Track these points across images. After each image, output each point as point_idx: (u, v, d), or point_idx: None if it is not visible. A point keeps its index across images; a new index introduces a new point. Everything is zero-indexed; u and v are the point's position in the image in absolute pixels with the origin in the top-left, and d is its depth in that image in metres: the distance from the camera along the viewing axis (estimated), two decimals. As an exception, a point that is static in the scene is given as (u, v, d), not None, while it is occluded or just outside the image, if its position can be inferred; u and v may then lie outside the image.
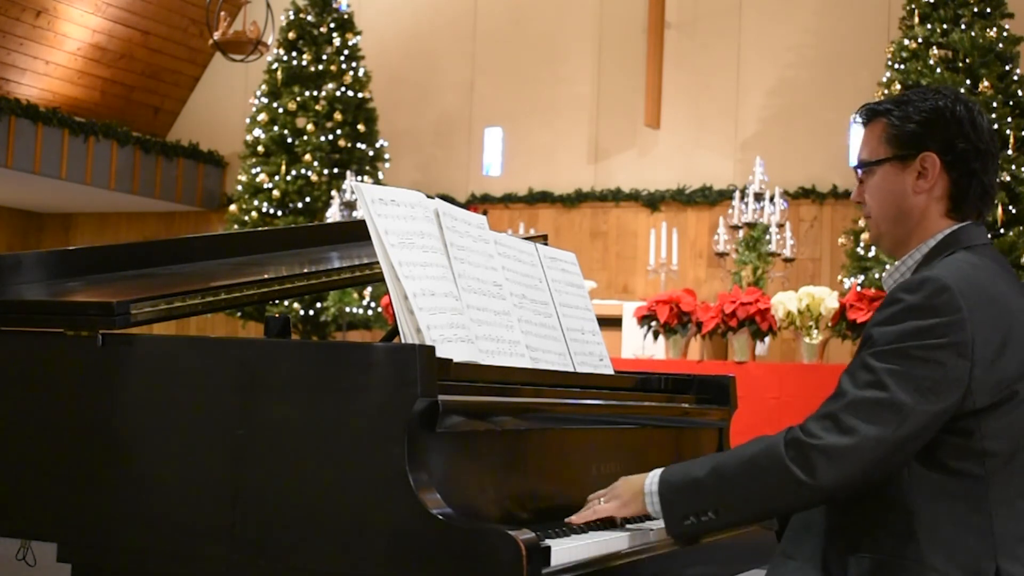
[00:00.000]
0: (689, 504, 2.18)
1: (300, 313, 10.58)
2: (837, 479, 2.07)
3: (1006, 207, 8.34)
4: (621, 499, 2.27)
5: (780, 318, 6.55)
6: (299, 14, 11.18)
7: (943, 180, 2.24)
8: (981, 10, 8.77)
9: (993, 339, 2.09)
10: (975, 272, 2.15)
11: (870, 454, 2.06)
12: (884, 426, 2.05)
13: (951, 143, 2.22)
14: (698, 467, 2.20)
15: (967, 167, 2.23)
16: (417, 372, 2.00)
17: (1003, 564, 2.09)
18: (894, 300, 2.13)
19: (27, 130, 11.02)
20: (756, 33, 10.87)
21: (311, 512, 2.04)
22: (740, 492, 2.14)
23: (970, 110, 2.25)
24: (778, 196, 8.63)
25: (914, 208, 2.25)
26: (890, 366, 2.07)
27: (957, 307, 2.07)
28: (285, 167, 10.82)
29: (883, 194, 2.28)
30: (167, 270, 2.79)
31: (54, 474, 2.26)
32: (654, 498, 2.21)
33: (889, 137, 2.27)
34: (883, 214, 2.29)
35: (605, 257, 11.27)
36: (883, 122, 2.29)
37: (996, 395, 2.09)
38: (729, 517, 2.17)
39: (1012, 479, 2.12)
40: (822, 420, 2.10)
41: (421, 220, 2.37)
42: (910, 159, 2.25)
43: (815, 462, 2.06)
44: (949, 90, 2.30)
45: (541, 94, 11.57)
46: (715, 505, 2.16)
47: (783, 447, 2.10)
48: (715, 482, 2.16)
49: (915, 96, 2.29)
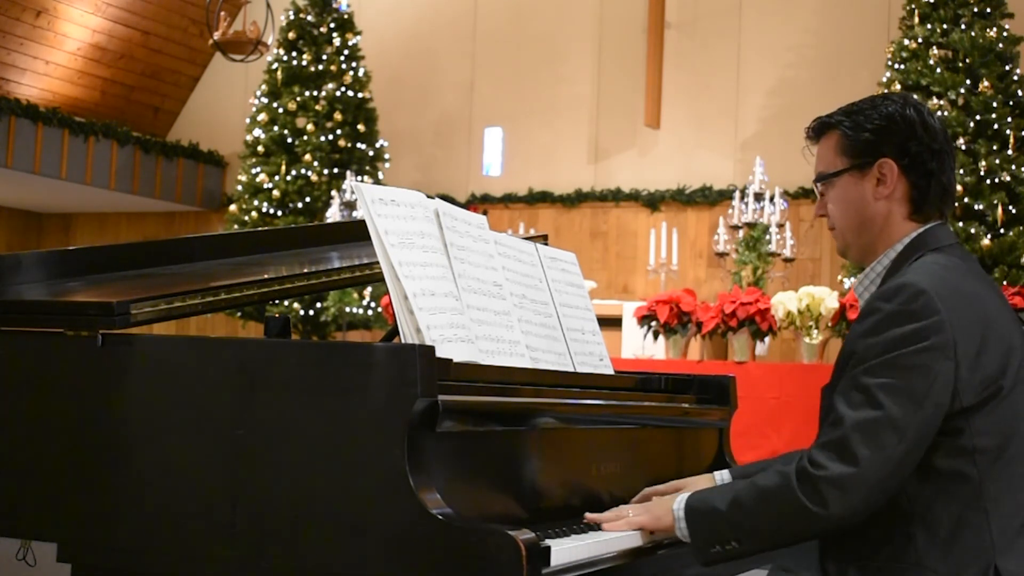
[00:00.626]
0: (712, 533, 2.20)
1: (300, 313, 10.58)
2: (849, 508, 2.08)
3: (1006, 207, 8.33)
4: (653, 514, 2.28)
5: (780, 318, 6.55)
6: (299, 14, 11.18)
7: (902, 184, 2.27)
8: (981, 10, 8.76)
9: (973, 338, 2.11)
10: (947, 273, 2.17)
11: (875, 476, 2.07)
12: (885, 446, 2.07)
13: (905, 147, 2.26)
14: (719, 497, 2.22)
15: (924, 168, 2.26)
16: (417, 372, 2.00)
17: (1001, 561, 2.10)
18: (873, 310, 2.15)
19: (27, 130, 11.02)
20: (756, 33, 10.87)
21: (311, 512, 2.04)
22: (759, 524, 2.16)
23: (920, 112, 2.28)
24: (778, 196, 8.63)
25: (877, 215, 2.28)
26: (881, 380, 2.09)
27: (935, 309, 2.09)
28: (285, 167, 10.82)
29: (845, 204, 2.31)
30: (167, 270, 2.79)
31: (54, 474, 2.26)
32: (681, 523, 2.23)
33: (844, 148, 2.31)
34: (847, 224, 2.32)
35: (605, 257, 11.27)
36: (836, 134, 2.32)
37: (982, 393, 2.11)
38: (752, 546, 2.18)
39: (1003, 475, 2.13)
40: (825, 449, 2.11)
41: (421, 220, 2.37)
42: (867, 167, 2.28)
43: (825, 494, 2.08)
44: (897, 95, 2.34)
45: (541, 94, 11.57)
46: (737, 535, 2.17)
47: (795, 479, 2.11)
48: (734, 513, 2.17)
49: (864, 104, 2.32)
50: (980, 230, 8.23)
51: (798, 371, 6.43)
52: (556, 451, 2.41)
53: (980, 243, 8.18)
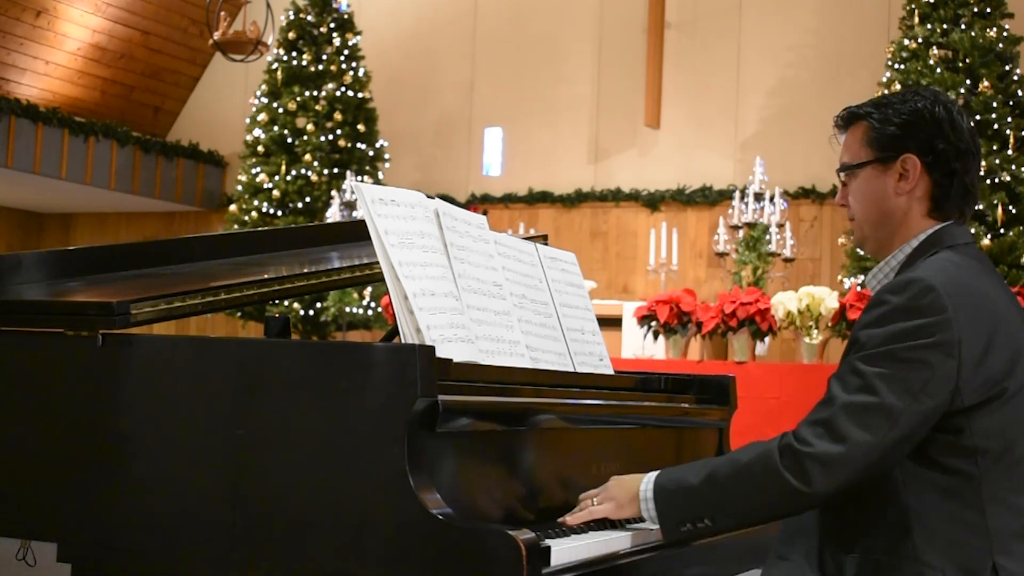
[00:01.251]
0: (684, 511, 2.19)
1: (300, 313, 10.57)
2: (831, 486, 2.09)
3: (1006, 207, 8.33)
4: (616, 501, 2.27)
5: (780, 318, 6.55)
6: (299, 14, 11.18)
7: (924, 181, 2.26)
8: (981, 10, 8.76)
9: (979, 338, 2.11)
10: (959, 272, 2.17)
11: (863, 460, 2.07)
12: (875, 431, 2.06)
13: (931, 144, 2.25)
14: (692, 474, 2.20)
15: (948, 167, 2.25)
16: (417, 372, 2.00)
17: (999, 560, 2.10)
18: (880, 302, 2.15)
19: (27, 130, 11.02)
20: (756, 33, 10.87)
21: (311, 512, 2.04)
22: (735, 499, 2.15)
23: (949, 111, 2.27)
24: (778, 196, 8.63)
25: (896, 209, 2.28)
26: (879, 369, 2.09)
27: (943, 307, 2.09)
28: (285, 167, 10.82)
29: (865, 196, 2.31)
30: (167, 270, 2.79)
31: (54, 474, 2.26)
32: (649, 504, 2.22)
33: (870, 140, 2.30)
34: (866, 216, 2.32)
35: (605, 257, 11.27)
36: (863, 125, 2.31)
37: (984, 393, 2.10)
38: (725, 523, 2.18)
39: (1005, 475, 2.13)
40: (814, 426, 2.11)
41: (421, 220, 2.37)
42: (891, 161, 2.27)
43: (809, 470, 2.08)
44: (928, 91, 2.32)
45: (541, 94, 11.57)
46: (711, 512, 2.17)
47: (777, 454, 2.11)
48: (709, 489, 2.17)
49: (894, 98, 2.31)
50: (980, 230, 8.23)
51: (798, 371, 6.43)
52: (556, 451, 2.41)
53: (980, 243, 8.17)
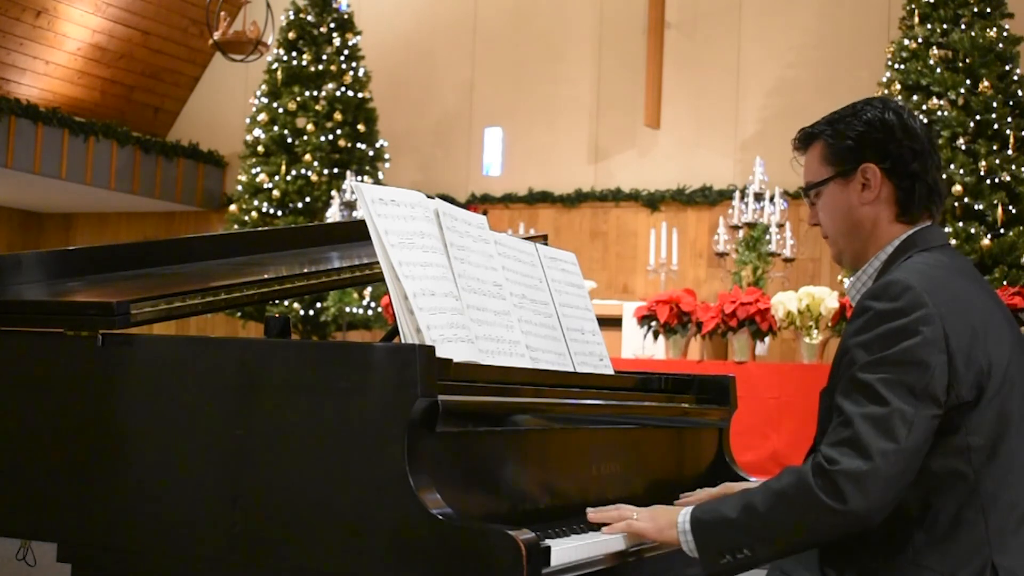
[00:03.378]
0: (724, 543, 2.16)
1: (300, 313, 10.58)
2: (867, 502, 2.06)
3: (1006, 207, 8.33)
4: (657, 524, 2.25)
5: (780, 318, 6.55)
6: (299, 14, 11.19)
7: (887, 187, 2.30)
8: (981, 10, 8.77)
9: (963, 332, 2.13)
10: (934, 271, 2.20)
11: (892, 468, 2.06)
12: (896, 438, 2.06)
13: (886, 150, 2.29)
14: (728, 506, 2.19)
15: (907, 170, 2.29)
16: (417, 372, 2.00)
17: (997, 559, 2.11)
18: (864, 309, 2.17)
19: (27, 130, 11.03)
20: (756, 33, 10.88)
21: (311, 512, 2.04)
22: (774, 527, 2.13)
23: (899, 115, 2.32)
24: (778, 196, 8.63)
25: (864, 219, 2.32)
26: (880, 375, 2.10)
27: (923, 303, 2.11)
28: (285, 167, 10.82)
29: (833, 211, 2.35)
30: (167, 270, 2.79)
31: (54, 474, 2.26)
32: (688, 536, 2.20)
33: (828, 156, 2.35)
34: (838, 230, 2.36)
35: (605, 257, 11.28)
36: (820, 143, 2.37)
37: (976, 388, 2.12)
38: (765, 552, 2.16)
39: (997, 473, 2.14)
40: (838, 447, 2.09)
41: (421, 220, 2.37)
42: (851, 173, 2.32)
43: (842, 487, 2.06)
44: (877, 100, 2.37)
45: (541, 94, 11.58)
46: (750, 542, 2.15)
47: (811, 476, 2.09)
48: (747, 519, 2.15)
49: (846, 112, 2.36)
50: (980, 230, 8.22)
51: (798, 371, 6.44)
52: (556, 451, 2.41)
53: (980, 243, 8.17)
